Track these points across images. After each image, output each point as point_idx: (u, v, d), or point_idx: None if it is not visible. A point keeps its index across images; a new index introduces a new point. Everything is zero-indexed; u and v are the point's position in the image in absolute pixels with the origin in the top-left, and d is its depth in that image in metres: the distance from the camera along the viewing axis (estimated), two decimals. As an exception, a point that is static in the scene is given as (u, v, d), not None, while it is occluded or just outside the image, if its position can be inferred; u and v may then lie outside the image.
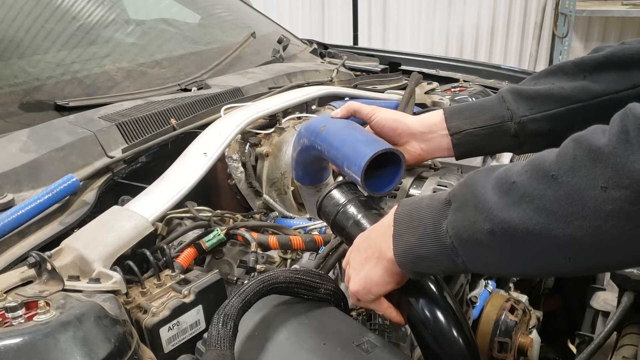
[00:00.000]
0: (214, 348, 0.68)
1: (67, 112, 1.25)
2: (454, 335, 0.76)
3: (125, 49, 1.60)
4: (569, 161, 0.55)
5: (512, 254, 0.60)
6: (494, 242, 0.60)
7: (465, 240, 0.63)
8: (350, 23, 3.85)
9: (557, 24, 4.18)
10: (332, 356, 0.74)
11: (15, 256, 0.87)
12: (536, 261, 0.59)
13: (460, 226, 0.63)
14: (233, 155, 1.27)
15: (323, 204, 0.92)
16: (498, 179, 0.61)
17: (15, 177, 1.00)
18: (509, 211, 0.58)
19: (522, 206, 0.57)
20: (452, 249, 0.65)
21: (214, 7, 2.09)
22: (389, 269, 0.74)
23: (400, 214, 0.73)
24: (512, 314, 1.04)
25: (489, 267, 0.67)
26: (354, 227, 0.87)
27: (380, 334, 0.95)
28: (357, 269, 0.79)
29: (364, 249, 0.78)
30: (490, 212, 0.59)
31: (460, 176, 1.11)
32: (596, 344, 0.91)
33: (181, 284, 0.85)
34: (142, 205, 0.96)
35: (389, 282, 0.76)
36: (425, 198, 0.71)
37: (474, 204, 0.62)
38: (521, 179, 0.58)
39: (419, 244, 0.68)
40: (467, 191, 0.64)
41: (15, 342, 0.60)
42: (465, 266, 0.65)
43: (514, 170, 0.60)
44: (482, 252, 0.63)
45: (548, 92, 0.93)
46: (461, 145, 0.97)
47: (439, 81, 1.90)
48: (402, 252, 0.71)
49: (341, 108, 1.05)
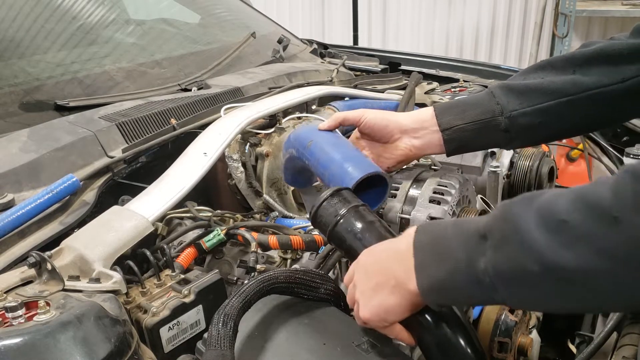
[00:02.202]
0: (214, 348, 0.68)
1: (67, 112, 1.25)
2: (466, 354, 0.73)
3: (125, 49, 1.60)
4: (629, 198, 0.50)
5: (564, 295, 0.56)
6: (543, 284, 0.56)
7: (508, 281, 0.58)
8: (350, 23, 3.84)
9: (557, 24, 4.17)
10: (332, 356, 0.74)
11: (15, 256, 0.87)
12: (593, 302, 0.56)
13: (504, 266, 0.58)
14: (233, 155, 1.27)
15: (318, 214, 0.85)
16: (542, 215, 0.55)
17: (15, 177, 1.00)
18: (562, 253, 0.53)
19: (578, 248, 0.52)
20: (492, 287, 0.60)
21: (214, 7, 2.09)
22: (408, 299, 0.69)
23: (421, 243, 0.68)
24: (512, 313, 1.04)
25: (533, 304, 0.62)
26: (355, 242, 0.81)
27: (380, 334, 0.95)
28: (367, 294, 0.73)
29: (374, 274, 0.73)
30: (541, 255, 0.54)
31: (461, 176, 1.11)
32: (596, 344, 0.91)
33: (181, 283, 0.85)
34: (142, 205, 0.96)
35: (406, 310, 0.71)
36: (449, 226, 0.66)
37: (519, 242, 0.56)
38: (573, 217, 0.53)
39: (450, 280, 0.63)
40: (507, 226, 0.58)
41: (15, 342, 0.60)
42: (504, 302, 0.61)
43: (561, 205, 0.54)
44: (528, 292, 0.58)
45: (538, 86, 0.93)
46: (452, 141, 0.97)
47: (439, 81, 1.90)
48: (428, 286, 0.66)
49: (328, 120, 1.04)
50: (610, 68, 0.90)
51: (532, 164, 1.31)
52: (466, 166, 1.28)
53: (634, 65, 0.88)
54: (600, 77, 0.90)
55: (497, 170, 1.24)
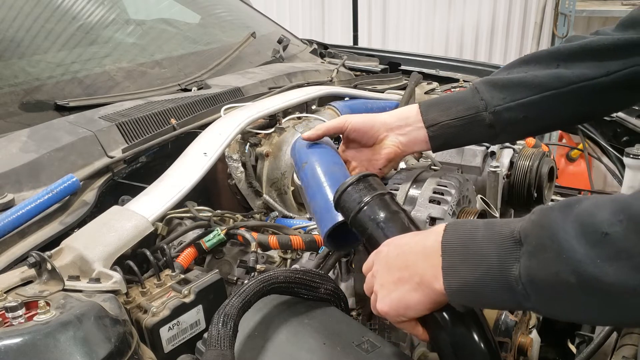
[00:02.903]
0: (214, 348, 0.68)
1: (67, 112, 1.25)
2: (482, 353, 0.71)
3: (125, 49, 1.60)
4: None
5: (599, 308, 0.55)
6: (578, 295, 0.55)
7: (542, 289, 0.57)
8: (350, 23, 3.84)
9: (557, 24, 4.17)
10: (332, 356, 0.74)
11: (15, 256, 0.87)
12: (626, 318, 0.55)
13: (538, 274, 0.57)
14: (233, 155, 1.27)
15: (342, 199, 0.84)
16: (582, 225, 0.54)
17: (16, 177, 1.00)
18: (602, 267, 0.51)
19: (619, 263, 0.51)
20: (524, 295, 0.59)
21: (214, 7, 2.09)
22: (433, 298, 0.68)
23: (450, 244, 0.66)
24: (512, 313, 1.04)
25: (564, 315, 0.60)
26: (377, 231, 0.80)
27: (380, 334, 0.95)
28: (387, 287, 0.72)
29: (397, 268, 0.71)
30: (579, 266, 0.53)
31: (461, 176, 1.11)
32: (596, 344, 0.91)
33: (181, 283, 0.85)
34: (142, 205, 0.96)
35: (427, 308, 0.70)
36: (480, 227, 0.65)
37: (556, 251, 0.55)
38: (615, 230, 0.51)
39: (480, 284, 0.62)
40: (544, 234, 0.57)
41: (15, 342, 0.60)
42: (534, 310, 0.60)
43: (602, 216, 0.53)
44: (561, 302, 0.57)
45: (521, 81, 0.93)
46: (437, 138, 0.97)
47: (439, 81, 1.90)
48: (455, 288, 0.65)
49: (310, 131, 1.04)
50: (595, 62, 0.89)
51: (532, 164, 1.31)
52: (466, 166, 1.28)
53: (619, 59, 0.88)
54: (584, 71, 0.90)
55: (497, 170, 1.24)
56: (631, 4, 3.92)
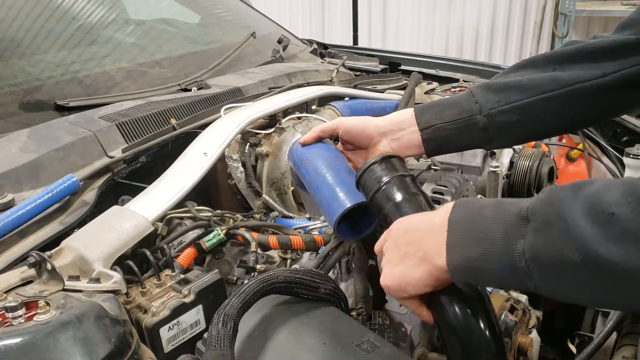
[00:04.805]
0: (214, 348, 0.68)
1: (67, 112, 1.26)
2: (486, 340, 0.71)
3: (125, 49, 1.60)
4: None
5: (602, 288, 0.55)
6: (582, 274, 0.55)
7: (545, 266, 0.57)
8: (350, 23, 3.84)
9: (557, 24, 4.17)
10: (332, 356, 0.74)
11: (15, 256, 0.87)
12: (627, 300, 0.55)
13: (543, 251, 0.57)
14: (233, 155, 1.27)
15: (363, 177, 0.86)
16: (590, 205, 0.54)
17: (15, 177, 1.00)
18: (607, 246, 0.52)
19: (625, 243, 0.51)
20: (526, 272, 0.58)
21: (214, 7, 2.09)
22: (434, 274, 0.68)
23: (457, 220, 0.66)
24: (512, 313, 1.04)
25: (566, 295, 0.60)
26: (393, 210, 0.80)
27: (380, 334, 0.95)
28: (393, 262, 0.73)
29: (404, 244, 0.72)
30: (584, 244, 0.53)
31: (461, 176, 1.11)
32: (596, 344, 0.91)
33: (181, 283, 0.85)
34: (142, 205, 0.96)
35: (429, 285, 0.70)
36: (488, 206, 0.64)
37: (563, 229, 0.55)
38: (623, 211, 0.52)
39: (483, 260, 0.62)
40: (551, 211, 0.57)
41: (15, 342, 0.60)
42: (536, 289, 0.59)
43: (610, 197, 0.53)
44: (564, 281, 0.57)
45: (517, 84, 0.92)
46: (431, 141, 0.96)
47: (439, 81, 1.90)
48: (458, 264, 0.65)
49: (307, 134, 1.04)
50: (591, 64, 0.89)
51: (532, 164, 1.31)
52: (466, 166, 1.28)
53: (615, 61, 0.88)
54: (580, 73, 0.89)
55: (497, 170, 1.24)
56: (631, 4, 3.93)
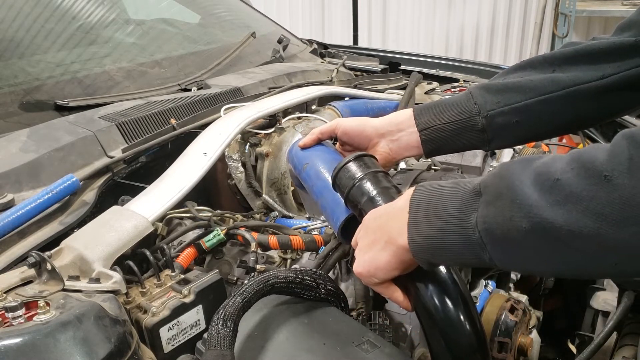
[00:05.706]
0: (214, 348, 0.68)
1: (67, 112, 1.25)
2: (464, 327, 0.73)
3: (125, 49, 1.60)
4: (624, 161, 0.51)
5: (550, 254, 0.57)
6: (530, 241, 0.56)
7: (497, 236, 0.59)
8: (350, 23, 3.84)
9: (557, 24, 4.18)
10: (332, 356, 0.74)
11: (15, 256, 0.87)
12: (576, 263, 0.56)
13: (493, 221, 0.59)
14: (233, 155, 1.27)
15: (338, 176, 0.88)
16: (538, 174, 0.56)
17: (15, 177, 1.00)
18: (552, 211, 0.54)
19: (567, 207, 0.53)
20: (480, 244, 0.61)
21: (214, 7, 2.09)
22: (399, 255, 0.71)
23: (418, 200, 0.69)
24: (512, 314, 1.04)
25: (519, 265, 0.63)
26: (367, 204, 0.82)
27: (380, 334, 0.95)
28: (363, 249, 0.76)
29: (372, 230, 0.75)
30: (530, 210, 0.55)
31: (461, 176, 1.11)
32: (596, 344, 0.91)
33: (181, 284, 0.85)
34: (142, 205, 0.96)
35: (395, 268, 0.72)
36: (447, 185, 0.67)
37: (511, 198, 0.57)
38: (566, 176, 0.54)
39: (440, 236, 0.64)
40: (502, 183, 0.59)
41: (15, 342, 0.60)
42: (491, 262, 0.61)
43: (557, 166, 0.55)
44: (515, 250, 0.59)
45: (516, 85, 0.92)
46: (430, 142, 0.96)
47: (439, 81, 1.90)
48: (418, 242, 0.67)
49: (306, 137, 1.04)
50: (590, 65, 0.89)
51: (532, 164, 1.30)
52: (466, 166, 1.28)
53: (614, 62, 0.87)
54: (579, 74, 0.89)
55: (497, 170, 1.24)
56: (631, 3, 3.93)
